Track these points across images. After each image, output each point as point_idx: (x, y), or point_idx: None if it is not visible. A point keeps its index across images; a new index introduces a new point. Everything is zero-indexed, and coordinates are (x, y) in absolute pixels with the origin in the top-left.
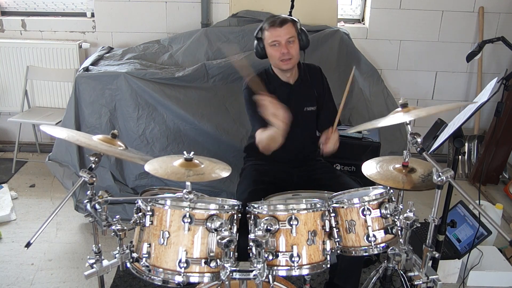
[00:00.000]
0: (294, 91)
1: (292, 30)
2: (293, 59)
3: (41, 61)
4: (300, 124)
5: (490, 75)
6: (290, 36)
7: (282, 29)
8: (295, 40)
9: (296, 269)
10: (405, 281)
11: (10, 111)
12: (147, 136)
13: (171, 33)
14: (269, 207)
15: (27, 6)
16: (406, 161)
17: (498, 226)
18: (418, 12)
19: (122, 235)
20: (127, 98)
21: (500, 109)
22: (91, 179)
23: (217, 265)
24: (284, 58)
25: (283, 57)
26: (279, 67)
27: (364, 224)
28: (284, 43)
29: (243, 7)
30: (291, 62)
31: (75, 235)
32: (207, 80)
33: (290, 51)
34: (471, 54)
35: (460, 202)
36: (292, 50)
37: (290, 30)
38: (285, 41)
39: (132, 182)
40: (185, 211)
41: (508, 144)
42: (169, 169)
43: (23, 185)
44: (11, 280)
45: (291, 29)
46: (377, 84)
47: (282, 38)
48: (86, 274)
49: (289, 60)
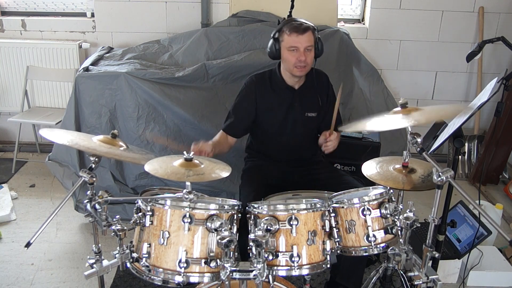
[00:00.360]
0: (298, 96)
1: (311, 39)
2: (307, 67)
3: (41, 61)
4: (300, 129)
5: (490, 75)
6: (309, 44)
7: (304, 36)
8: (312, 49)
9: (296, 269)
10: (405, 281)
11: (10, 111)
12: (147, 136)
13: (171, 33)
14: (269, 207)
15: (27, 6)
16: (406, 161)
17: (498, 226)
18: (418, 12)
19: (122, 235)
20: (127, 98)
21: (500, 109)
22: (91, 179)
23: (217, 265)
24: (300, 65)
25: (299, 63)
26: (291, 72)
27: (364, 224)
28: (302, 50)
29: (243, 7)
30: (305, 69)
31: (75, 235)
32: (207, 80)
33: (306, 59)
34: (471, 54)
35: (460, 202)
36: (309, 58)
37: (310, 38)
38: (303, 49)
39: (132, 182)
40: (185, 211)
41: (508, 144)
42: (169, 169)
43: (23, 185)
44: (11, 280)
45: (311, 37)
46: (377, 84)
47: (302, 45)
48: (86, 274)
49: (304, 68)
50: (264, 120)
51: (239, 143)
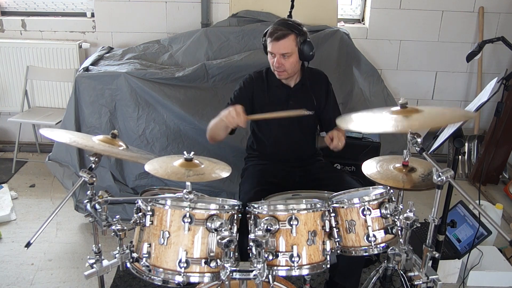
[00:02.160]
0: (293, 94)
1: (289, 45)
2: (286, 72)
3: (41, 61)
4: (297, 126)
5: (490, 75)
6: (285, 52)
7: (279, 43)
8: (292, 55)
9: (296, 269)
10: (405, 281)
11: (10, 111)
12: (147, 136)
13: (171, 33)
14: (269, 207)
15: (27, 6)
16: (406, 160)
17: (498, 226)
18: (418, 12)
19: (122, 235)
20: (127, 98)
21: (500, 109)
22: (91, 179)
23: (217, 265)
24: (278, 70)
25: (276, 68)
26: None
27: (364, 224)
28: (278, 56)
29: (243, 7)
30: (284, 74)
31: (75, 235)
32: (207, 80)
33: (284, 65)
34: (471, 54)
35: (460, 202)
36: (287, 63)
37: (287, 45)
38: (279, 55)
39: (132, 182)
40: (185, 211)
41: (508, 144)
42: (169, 169)
43: (23, 185)
44: (11, 280)
45: (289, 43)
46: (377, 84)
47: (277, 51)
48: (86, 274)
49: (282, 72)
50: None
51: (239, 143)
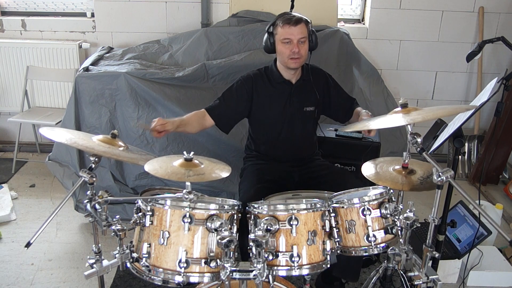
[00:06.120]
0: (295, 90)
1: (304, 30)
2: (301, 58)
3: (41, 61)
4: (299, 123)
5: (490, 75)
6: (302, 36)
7: (296, 28)
8: (305, 41)
9: (296, 269)
10: (405, 281)
11: (10, 111)
12: (147, 136)
13: (171, 33)
14: (269, 207)
15: (27, 6)
16: (406, 162)
17: (498, 226)
18: (418, 12)
19: (122, 235)
20: (127, 98)
21: (500, 109)
22: (91, 179)
23: (217, 265)
24: (294, 56)
25: (292, 55)
26: (286, 65)
27: (364, 224)
28: (296, 42)
29: (243, 7)
30: (300, 61)
31: (75, 235)
32: (207, 80)
33: (300, 51)
34: (471, 54)
35: (460, 202)
36: (302, 50)
37: (303, 30)
38: (297, 40)
39: (132, 182)
40: (185, 211)
41: (508, 144)
42: (169, 169)
43: (23, 185)
44: (11, 280)
45: (304, 29)
46: (377, 84)
47: (295, 37)
48: (86, 274)
49: (298, 59)
50: (262, 116)
51: (239, 143)
